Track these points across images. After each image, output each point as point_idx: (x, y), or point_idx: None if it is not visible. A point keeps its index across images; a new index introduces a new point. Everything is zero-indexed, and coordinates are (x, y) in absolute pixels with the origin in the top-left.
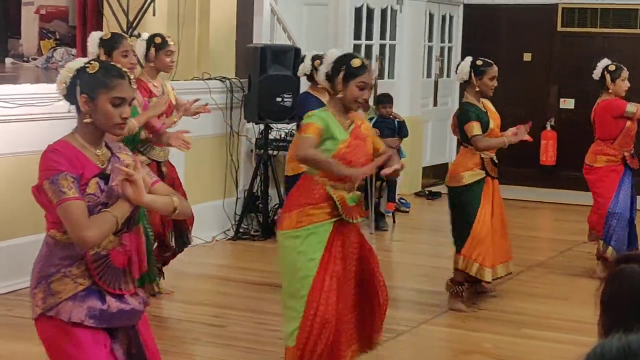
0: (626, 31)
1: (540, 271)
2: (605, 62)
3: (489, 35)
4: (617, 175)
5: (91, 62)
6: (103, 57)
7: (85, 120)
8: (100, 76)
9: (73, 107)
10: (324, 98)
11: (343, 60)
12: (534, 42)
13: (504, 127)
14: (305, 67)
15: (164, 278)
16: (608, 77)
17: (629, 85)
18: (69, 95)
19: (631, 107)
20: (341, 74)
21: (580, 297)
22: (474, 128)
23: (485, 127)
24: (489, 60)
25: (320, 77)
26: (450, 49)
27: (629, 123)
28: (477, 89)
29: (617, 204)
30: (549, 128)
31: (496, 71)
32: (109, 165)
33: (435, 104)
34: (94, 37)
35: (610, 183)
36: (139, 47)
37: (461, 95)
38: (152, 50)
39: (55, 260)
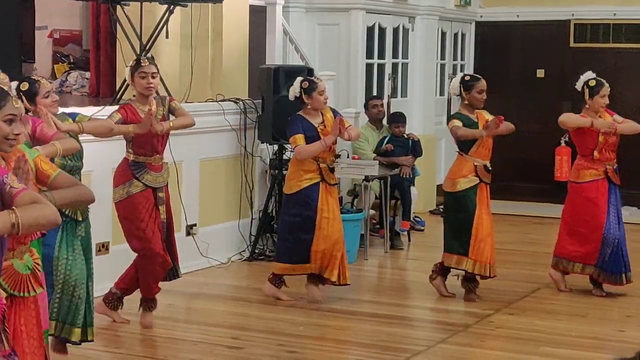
0: (638, 46)
1: None
2: (588, 75)
3: (501, 52)
4: (604, 191)
5: None
6: (27, 106)
7: None
8: None
9: None
10: (315, 120)
11: None
12: (546, 58)
13: (518, 144)
14: (295, 89)
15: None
16: (587, 91)
17: (607, 102)
18: None
19: (586, 120)
20: None
21: (598, 314)
22: (454, 122)
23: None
24: (476, 75)
25: None
26: (462, 66)
27: (601, 137)
28: (466, 102)
29: (609, 229)
30: (562, 144)
31: (484, 85)
32: None
33: (448, 122)
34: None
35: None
36: (127, 74)
37: None
38: (129, 74)
39: None
